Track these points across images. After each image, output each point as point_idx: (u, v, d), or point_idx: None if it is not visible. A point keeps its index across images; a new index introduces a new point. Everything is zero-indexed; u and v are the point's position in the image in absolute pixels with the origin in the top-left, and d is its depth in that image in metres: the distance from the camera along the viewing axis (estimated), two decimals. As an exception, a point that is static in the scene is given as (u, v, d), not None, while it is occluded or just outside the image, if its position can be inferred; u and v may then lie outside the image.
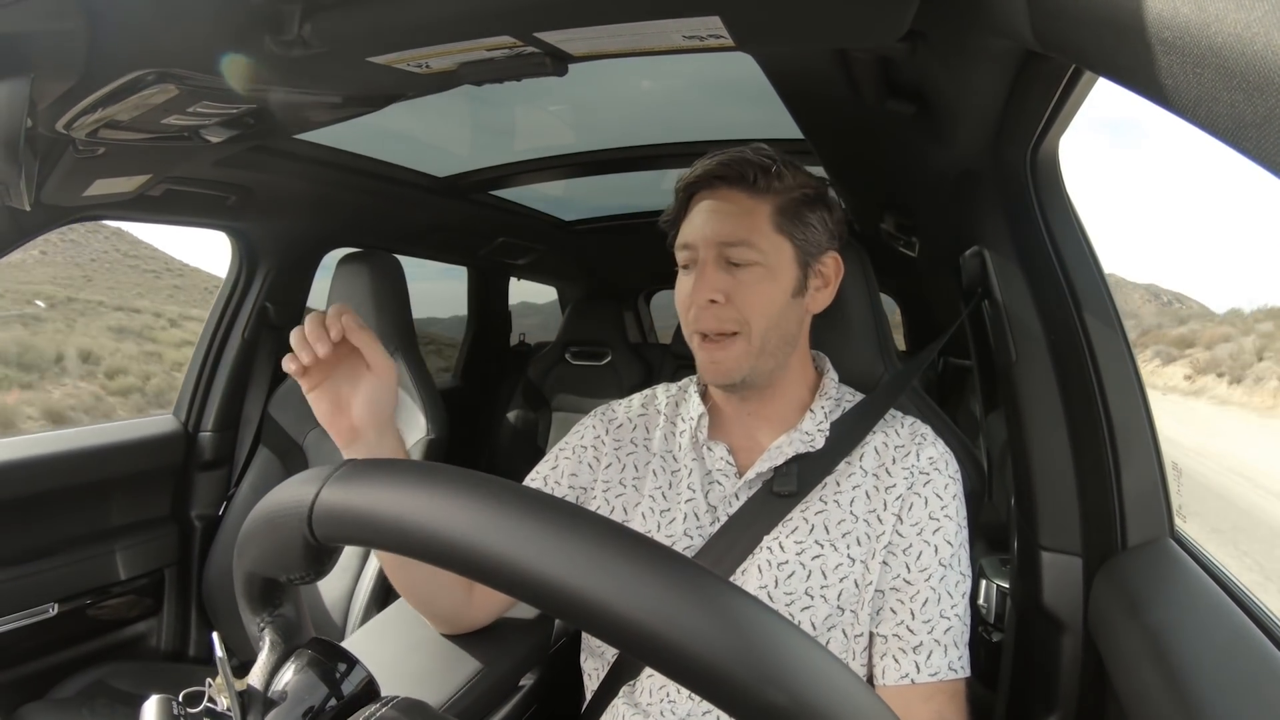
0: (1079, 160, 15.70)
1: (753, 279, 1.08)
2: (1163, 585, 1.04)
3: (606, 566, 0.40)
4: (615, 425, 1.25)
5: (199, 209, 2.01)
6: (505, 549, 0.42)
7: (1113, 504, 1.17)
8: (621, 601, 0.39)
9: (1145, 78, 0.52)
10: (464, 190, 2.53)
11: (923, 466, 1.10)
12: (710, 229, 1.08)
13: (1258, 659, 0.84)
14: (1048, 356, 1.26)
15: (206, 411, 2.36)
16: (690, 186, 1.14)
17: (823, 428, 1.13)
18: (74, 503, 1.99)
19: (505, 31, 0.91)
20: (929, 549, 1.05)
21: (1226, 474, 7.86)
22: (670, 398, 1.27)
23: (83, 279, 14.47)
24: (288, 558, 0.55)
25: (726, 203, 1.10)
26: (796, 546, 1.07)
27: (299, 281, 2.54)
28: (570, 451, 1.24)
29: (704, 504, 1.13)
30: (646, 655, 0.39)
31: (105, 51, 0.96)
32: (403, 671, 1.21)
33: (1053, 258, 1.24)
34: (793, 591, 1.05)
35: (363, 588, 1.93)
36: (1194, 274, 66.40)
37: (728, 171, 1.10)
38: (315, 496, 0.51)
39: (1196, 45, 0.42)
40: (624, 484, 1.20)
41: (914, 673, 1.01)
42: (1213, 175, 54.63)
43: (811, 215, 1.12)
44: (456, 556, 0.44)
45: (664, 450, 1.21)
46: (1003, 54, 0.95)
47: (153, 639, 2.20)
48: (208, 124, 1.25)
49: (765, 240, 1.08)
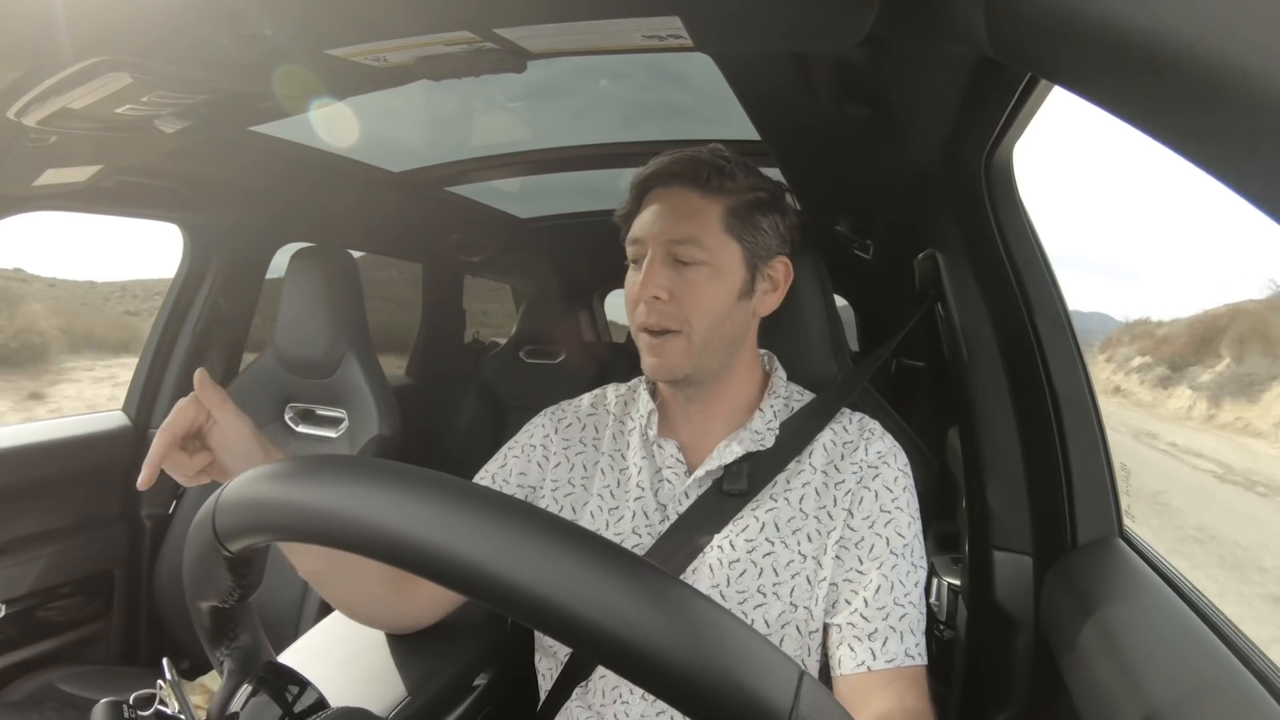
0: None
1: (698, 278, 1.07)
2: (1112, 583, 1.06)
3: (488, 534, 0.40)
4: (564, 425, 1.25)
5: (151, 201, 1.97)
6: (393, 523, 0.42)
7: (1063, 504, 1.19)
8: (505, 567, 0.39)
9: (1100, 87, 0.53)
10: (419, 186, 2.50)
11: (871, 460, 1.10)
12: (660, 226, 1.08)
13: (1204, 653, 0.86)
14: (999, 359, 1.28)
15: (157, 407, 2.31)
16: (644, 183, 1.14)
17: (772, 426, 1.14)
18: (19, 501, 1.93)
19: (464, 27, 0.90)
20: (880, 540, 1.05)
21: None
22: (619, 397, 1.27)
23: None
24: (213, 575, 0.56)
25: (678, 200, 1.10)
26: (747, 545, 1.07)
27: (252, 276, 2.49)
28: (519, 450, 1.24)
29: (653, 502, 1.13)
30: (540, 623, 0.39)
31: (57, 39, 0.94)
32: (352, 675, 1.19)
33: (1005, 262, 1.26)
34: (745, 590, 1.05)
35: (313, 593, 1.91)
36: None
37: (682, 170, 1.10)
38: (215, 503, 0.52)
39: (1151, 57, 0.42)
40: (572, 483, 1.19)
41: (870, 660, 1.00)
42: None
43: (763, 219, 1.11)
44: (350, 536, 0.44)
45: (612, 449, 1.20)
46: (960, 60, 0.96)
47: (102, 641, 2.14)
48: (161, 114, 1.22)
49: (713, 240, 1.08)
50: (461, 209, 2.84)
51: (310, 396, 2.17)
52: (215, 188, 2.00)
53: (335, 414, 2.15)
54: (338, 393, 2.13)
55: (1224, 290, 38.05)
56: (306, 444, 2.16)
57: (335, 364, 2.10)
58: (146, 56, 0.99)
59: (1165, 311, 16.96)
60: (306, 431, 2.18)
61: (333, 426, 2.15)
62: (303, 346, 2.10)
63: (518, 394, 3.12)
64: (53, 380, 9.53)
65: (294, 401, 2.19)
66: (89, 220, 2.23)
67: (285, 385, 2.18)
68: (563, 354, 3.10)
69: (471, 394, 3.17)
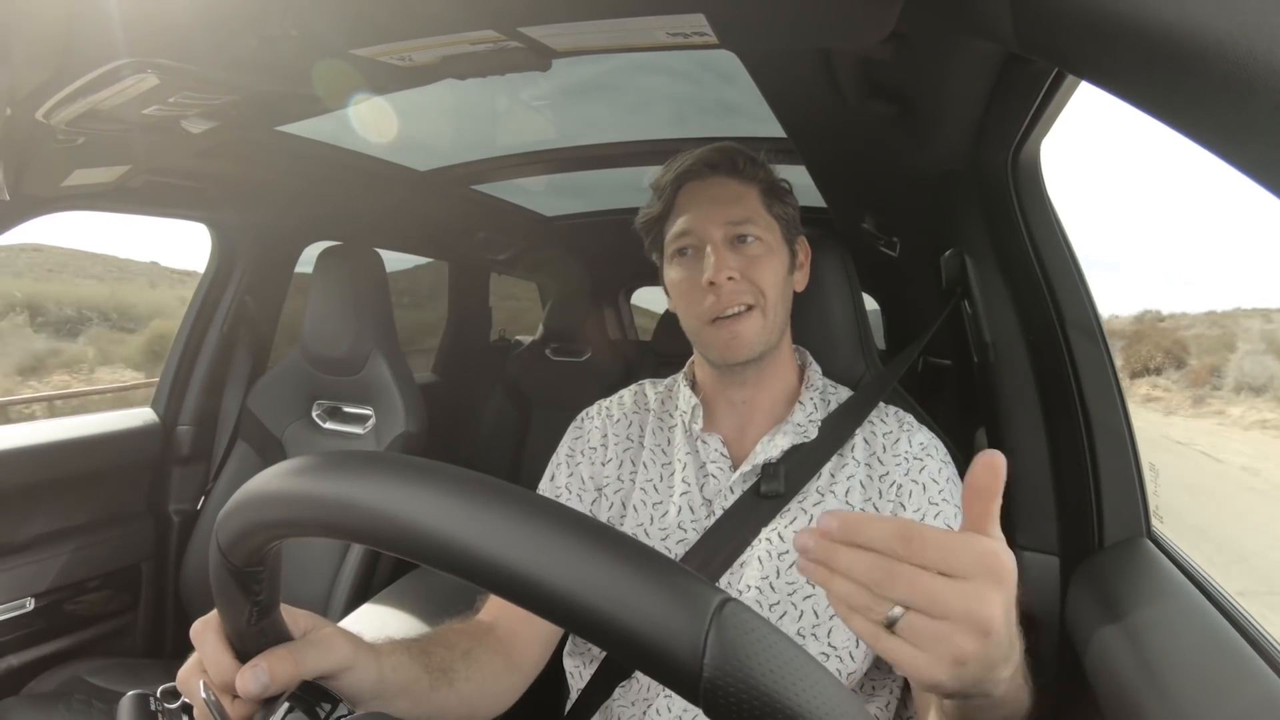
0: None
1: (760, 252, 1.13)
2: (1139, 584, 1.05)
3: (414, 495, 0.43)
4: (614, 422, 1.26)
5: (178, 201, 1.99)
6: (368, 501, 0.44)
7: (1090, 503, 1.18)
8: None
9: (1127, 82, 0.52)
10: (445, 184, 2.51)
11: (915, 452, 1.11)
12: (716, 214, 1.13)
13: (1233, 658, 0.85)
14: (1026, 357, 1.27)
15: (185, 405, 2.33)
16: (681, 177, 1.17)
17: (813, 418, 1.15)
18: (49, 497, 1.96)
19: (489, 26, 0.91)
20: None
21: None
22: (658, 394, 1.28)
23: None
24: (229, 596, 0.57)
25: (721, 189, 1.15)
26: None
27: (279, 275, 2.51)
28: (581, 454, 1.24)
29: (699, 497, 1.14)
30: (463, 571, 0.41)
31: (85, 41, 0.95)
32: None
33: (1032, 260, 1.25)
34: (794, 581, 1.06)
35: (340, 589, 1.92)
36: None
37: (719, 160, 1.16)
38: (218, 524, 0.53)
39: (1179, 51, 0.42)
40: (622, 479, 1.20)
41: None
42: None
43: (787, 198, 1.19)
44: (336, 522, 0.46)
45: (654, 445, 1.21)
46: (985, 56, 0.95)
47: (129, 634, 2.17)
48: (188, 114, 1.23)
49: (762, 219, 1.14)
50: (487, 207, 2.85)
51: (337, 393, 2.19)
52: (242, 187, 2.02)
53: (362, 411, 2.17)
54: (365, 390, 2.15)
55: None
56: (333, 440, 2.18)
57: (362, 361, 2.12)
58: (173, 58, 1.00)
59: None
60: (334, 428, 2.20)
61: (360, 423, 2.17)
62: (330, 344, 2.12)
63: (543, 392, 3.12)
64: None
65: (321, 399, 2.21)
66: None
67: (312, 382, 2.20)
68: (589, 352, 3.09)
69: (497, 391, 3.17)
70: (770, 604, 1.06)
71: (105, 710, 1.70)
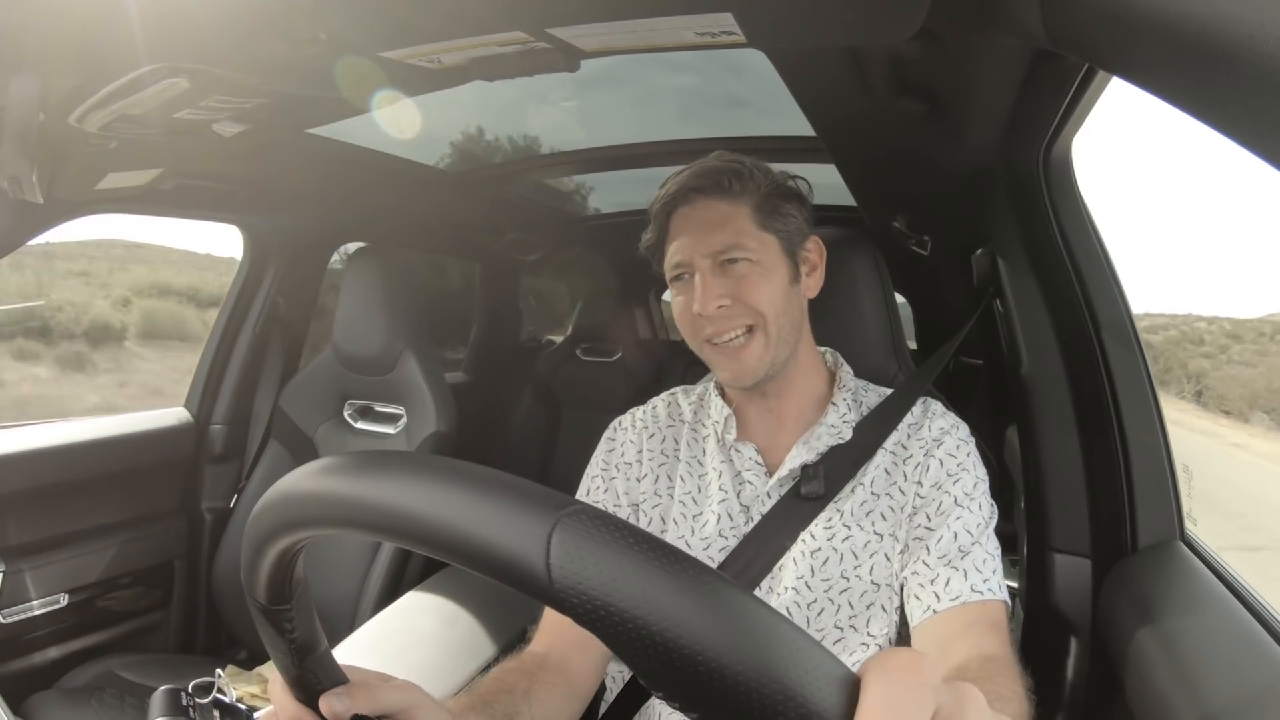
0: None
1: (751, 274, 1.10)
2: (1172, 588, 1.04)
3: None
4: (649, 436, 1.25)
5: (210, 203, 2.01)
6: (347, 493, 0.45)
7: (1123, 506, 1.17)
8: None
9: (1158, 77, 0.51)
10: (474, 185, 2.52)
11: (935, 435, 1.11)
12: (701, 242, 1.10)
13: (1267, 664, 0.84)
14: (1058, 357, 1.26)
15: (218, 404, 2.37)
16: (667, 206, 1.15)
17: (847, 419, 1.15)
18: (84, 494, 2.00)
19: (517, 27, 0.91)
20: (948, 498, 1.05)
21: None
22: (691, 404, 1.27)
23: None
24: (268, 637, 0.58)
25: (706, 212, 1.11)
26: (827, 533, 1.08)
27: (310, 276, 2.54)
28: (615, 470, 1.24)
29: (737, 504, 1.14)
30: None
31: (115, 46, 0.96)
32: (407, 667, 1.21)
33: (1064, 258, 1.24)
34: (829, 576, 1.06)
35: (371, 586, 1.94)
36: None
37: (701, 183, 1.12)
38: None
39: (1210, 45, 0.42)
40: (659, 494, 1.20)
41: (935, 603, 0.99)
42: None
43: (787, 206, 1.14)
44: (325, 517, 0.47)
45: (689, 456, 1.21)
46: (1015, 52, 0.94)
47: (162, 630, 2.20)
48: (219, 118, 1.25)
49: (752, 239, 1.10)
50: (516, 208, 2.86)
51: (368, 393, 2.21)
52: (273, 190, 2.04)
53: (394, 410, 2.19)
54: (396, 390, 2.17)
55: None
56: (365, 440, 2.20)
57: (393, 361, 2.14)
58: (203, 62, 1.01)
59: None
60: (365, 428, 2.22)
61: (391, 423, 2.19)
62: (361, 344, 2.14)
63: (573, 392, 3.12)
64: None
65: (352, 398, 2.23)
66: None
67: (344, 382, 2.22)
68: (619, 352, 3.09)
69: (527, 391, 3.18)
70: (808, 602, 1.06)
71: (137, 704, 1.73)
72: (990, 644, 0.94)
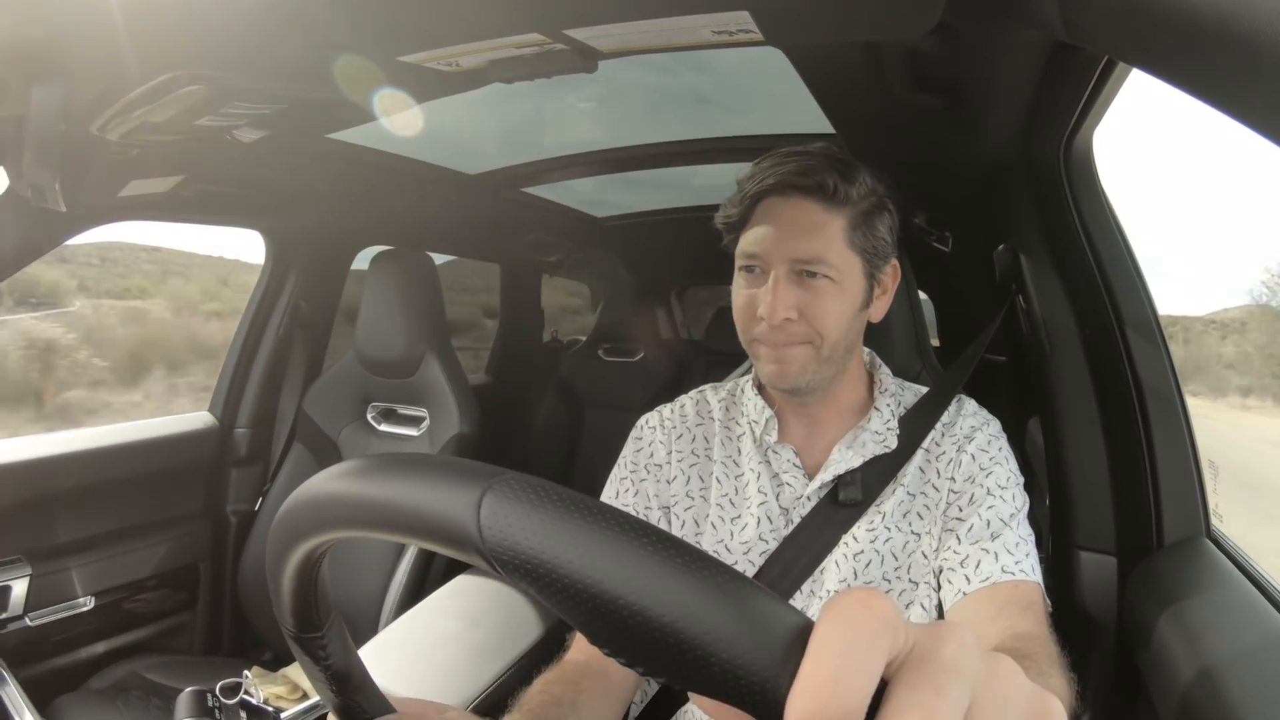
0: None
1: (827, 292, 1.03)
2: (1198, 585, 1.02)
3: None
4: (677, 437, 1.21)
5: (231, 208, 2.03)
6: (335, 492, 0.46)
7: (1148, 503, 1.16)
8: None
9: (1178, 68, 0.51)
10: (494, 187, 2.53)
11: (967, 432, 1.10)
12: (785, 245, 1.02)
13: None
14: (1082, 353, 1.25)
15: (242, 408, 2.39)
16: (762, 191, 1.06)
17: (891, 426, 1.12)
18: (110, 498, 2.02)
19: (534, 29, 0.91)
20: (980, 489, 1.05)
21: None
22: (721, 401, 1.24)
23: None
24: (305, 664, 0.58)
25: (800, 214, 1.03)
26: (869, 534, 1.07)
27: (332, 280, 2.56)
28: (645, 471, 1.20)
29: (776, 507, 1.12)
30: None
31: (136, 54, 0.97)
32: (429, 668, 1.22)
33: (1087, 252, 1.23)
34: (871, 579, 1.05)
35: (394, 587, 1.95)
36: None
37: (805, 182, 1.03)
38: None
39: (1229, 35, 0.41)
40: (691, 496, 1.17)
41: (965, 585, 0.98)
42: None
43: (880, 225, 1.07)
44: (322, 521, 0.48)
45: (724, 457, 1.18)
46: (1033, 45, 0.94)
47: (187, 632, 2.22)
48: (239, 124, 1.26)
49: (838, 257, 1.03)
50: (537, 210, 2.86)
51: (391, 396, 2.22)
52: (294, 194, 2.05)
53: (417, 413, 2.19)
54: (419, 392, 2.18)
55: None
56: (387, 442, 2.21)
57: (416, 364, 2.15)
58: (222, 69, 1.02)
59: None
60: (388, 430, 2.23)
61: (414, 425, 2.19)
62: (383, 347, 2.15)
63: (596, 392, 3.13)
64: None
65: (375, 401, 2.24)
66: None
67: (367, 385, 2.23)
68: (641, 352, 3.10)
69: (549, 392, 3.19)
70: None
71: (163, 706, 1.75)
72: (1024, 623, 0.92)
